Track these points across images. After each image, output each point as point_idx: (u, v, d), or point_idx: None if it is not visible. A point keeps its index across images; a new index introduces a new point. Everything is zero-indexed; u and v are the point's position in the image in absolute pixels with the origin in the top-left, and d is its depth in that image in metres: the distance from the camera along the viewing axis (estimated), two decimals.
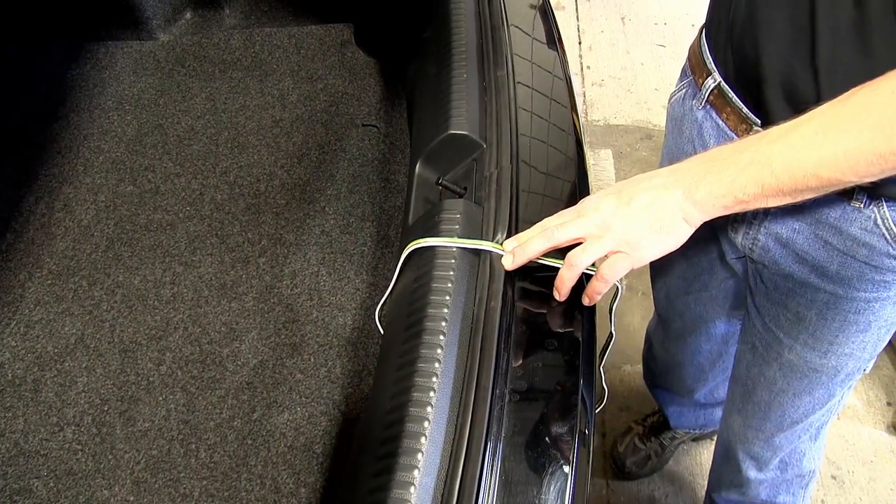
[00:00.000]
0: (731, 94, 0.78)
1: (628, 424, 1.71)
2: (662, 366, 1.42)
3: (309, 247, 1.26)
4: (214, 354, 1.13)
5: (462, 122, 1.02)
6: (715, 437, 1.70)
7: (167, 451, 1.04)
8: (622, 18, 2.70)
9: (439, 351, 0.77)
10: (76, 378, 1.12)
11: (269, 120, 1.46)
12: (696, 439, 1.70)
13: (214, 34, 1.63)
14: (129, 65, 1.61)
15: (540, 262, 0.82)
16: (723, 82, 0.79)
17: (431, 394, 0.74)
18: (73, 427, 1.07)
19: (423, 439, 0.71)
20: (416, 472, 0.70)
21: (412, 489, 0.68)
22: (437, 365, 0.76)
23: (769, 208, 0.78)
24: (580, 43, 2.62)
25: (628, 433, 1.69)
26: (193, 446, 1.04)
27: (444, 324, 0.79)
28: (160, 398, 1.09)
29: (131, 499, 1.00)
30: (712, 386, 1.40)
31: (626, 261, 0.71)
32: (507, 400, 0.75)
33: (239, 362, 1.12)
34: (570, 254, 0.74)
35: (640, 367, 1.80)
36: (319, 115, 1.46)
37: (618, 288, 0.85)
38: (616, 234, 0.70)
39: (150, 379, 1.11)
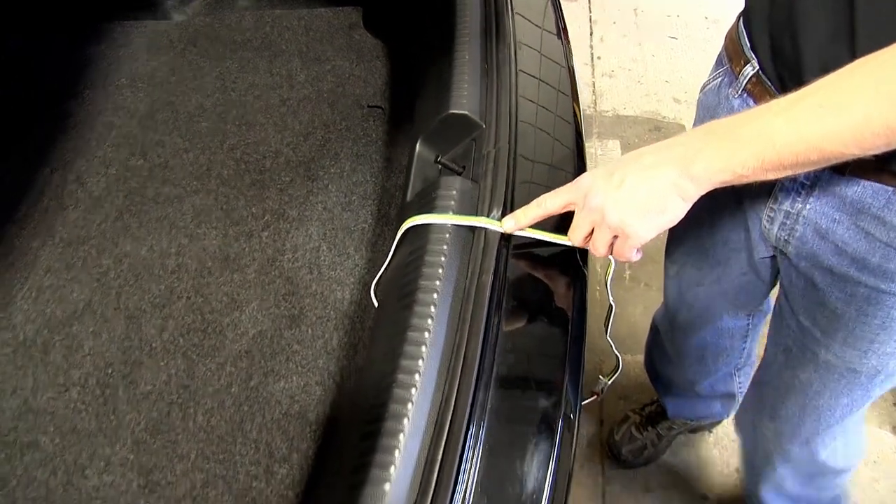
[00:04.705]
0: (769, 82, 0.76)
1: (626, 413, 1.72)
2: (665, 355, 1.41)
3: (311, 223, 1.29)
4: (215, 323, 1.17)
5: (462, 102, 1.04)
6: (711, 430, 1.72)
7: (167, 414, 1.07)
8: (634, 10, 2.70)
9: (429, 321, 0.79)
10: (83, 342, 1.16)
11: (277, 99, 1.49)
12: (693, 430, 1.70)
13: (226, 16, 1.66)
14: (143, 44, 1.64)
15: (542, 238, 0.84)
16: (761, 71, 0.77)
17: (420, 362, 0.76)
18: (78, 388, 1.11)
19: (409, 405, 0.74)
20: (401, 436, 0.72)
21: (396, 452, 0.71)
22: (426, 334, 0.78)
23: (808, 199, 0.77)
24: (591, 33, 2.63)
25: (625, 422, 1.69)
26: (192, 410, 1.07)
27: (435, 295, 0.82)
28: (162, 363, 1.13)
29: (131, 457, 1.04)
30: (714, 379, 1.40)
31: (627, 244, 0.72)
32: (494, 371, 0.78)
33: (239, 331, 1.15)
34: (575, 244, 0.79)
35: (640, 358, 1.81)
36: (326, 96, 1.49)
37: (611, 261, 0.87)
38: (610, 219, 0.70)
39: (153, 345, 1.15)
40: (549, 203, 0.78)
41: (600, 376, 1.04)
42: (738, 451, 1.67)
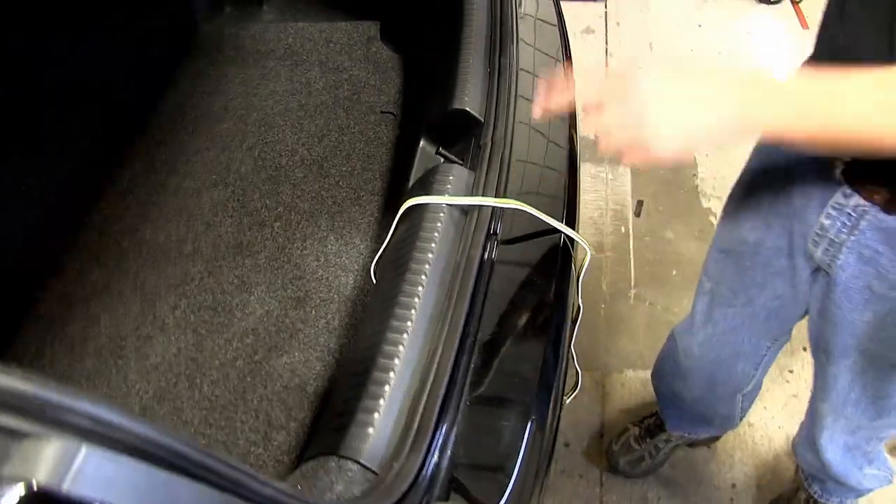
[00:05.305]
0: None
1: (625, 425, 1.73)
2: (677, 368, 1.41)
3: (321, 215, 1.36)
4: (225, 303, 1.23)
5: (465, 100, 1.11)
6: (710, 445, 1.73)
7: (174, 384, 1.13)
8: (650, 44, 2.77)
9: (420, 288, 0.85)
10: (99, 317, 1.23)
11: (296, 104, 1.57)
12: (691, 444, 1.70)
13: (252, 27, 1.76)
14: (172, 51, 1.74)
15: (531, 212, 0.89)
16: None
17: (408, 323, 0.82)
18: (92, 358, 1.17)
19: (396, 360, 0.79)
20: (386, 387, 0.77)
21: (381, 400, 0.76)
22: (416, 300, 0.84)
23: (853, 232, 0.82)
24: (607, 66, 2.71)
25: (624, 433, 1.70)
26: (198, 381, 1.13)
27: (426, 266, 0.87)
28: (172, 338, 1.19)
29: None
30: (718, 400, 1.41)
31: (644, 152, 0.66)
32: (478, 335, 0.82)
33: (247, 311, 1.21)
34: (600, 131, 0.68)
35: (642, 373, 1.84)
36: (342, 102, 1.57)
37: (587, 254, 0.91)
38: (646, 135, 0.64)
39: (165, 321, 1.21)
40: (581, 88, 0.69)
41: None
42: (734, 467, 1.68)
